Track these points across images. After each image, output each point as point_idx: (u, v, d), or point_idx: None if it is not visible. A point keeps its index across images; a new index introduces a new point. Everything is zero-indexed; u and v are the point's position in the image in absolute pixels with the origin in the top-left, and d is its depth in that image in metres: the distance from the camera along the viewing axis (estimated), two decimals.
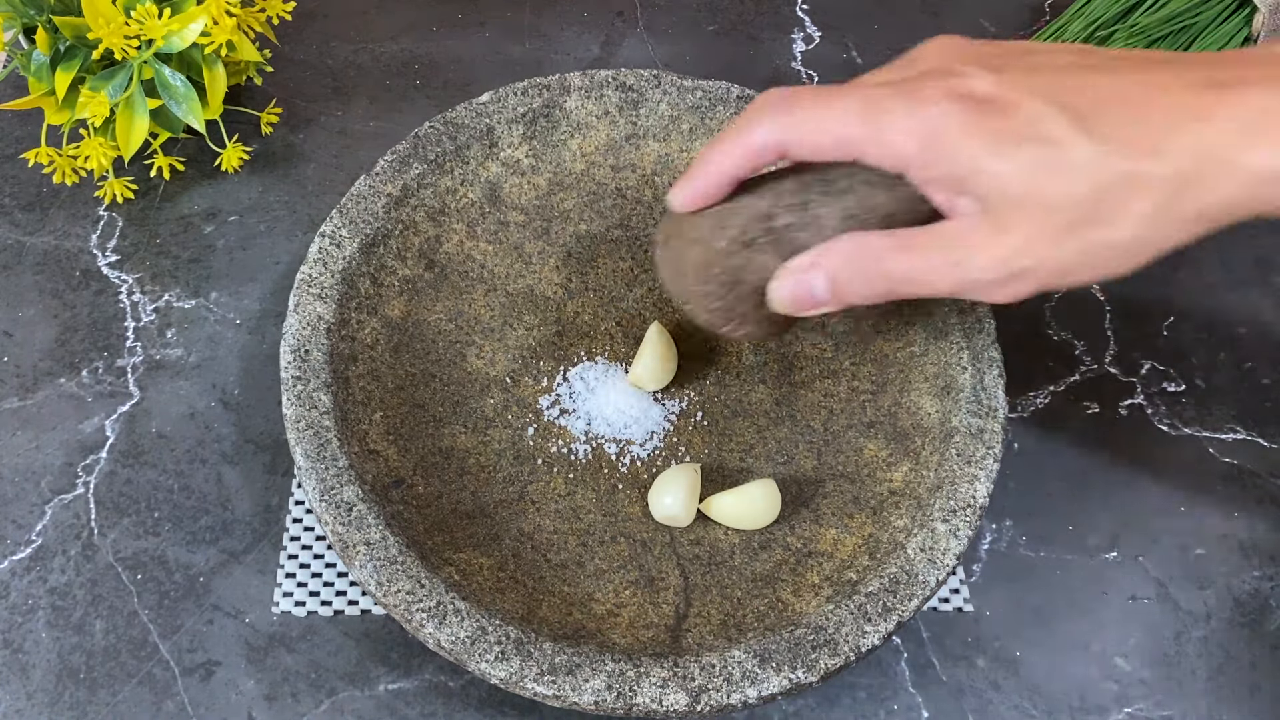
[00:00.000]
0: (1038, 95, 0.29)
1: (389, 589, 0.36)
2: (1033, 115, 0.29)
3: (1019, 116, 0.29)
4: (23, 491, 0.45)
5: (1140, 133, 0.29)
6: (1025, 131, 0.29)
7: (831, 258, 0.33)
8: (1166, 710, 0.43)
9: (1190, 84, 0.29)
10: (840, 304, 0.34)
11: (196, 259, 0.52)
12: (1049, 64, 0.31)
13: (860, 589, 0.38)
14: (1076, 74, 0.30)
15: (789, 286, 0.34)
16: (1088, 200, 0.29)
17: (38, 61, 0.49)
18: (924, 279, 0.32)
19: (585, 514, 0.43)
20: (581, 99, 0.49)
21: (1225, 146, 0.28)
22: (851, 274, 0.33)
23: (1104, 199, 0.29)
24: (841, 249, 0.33)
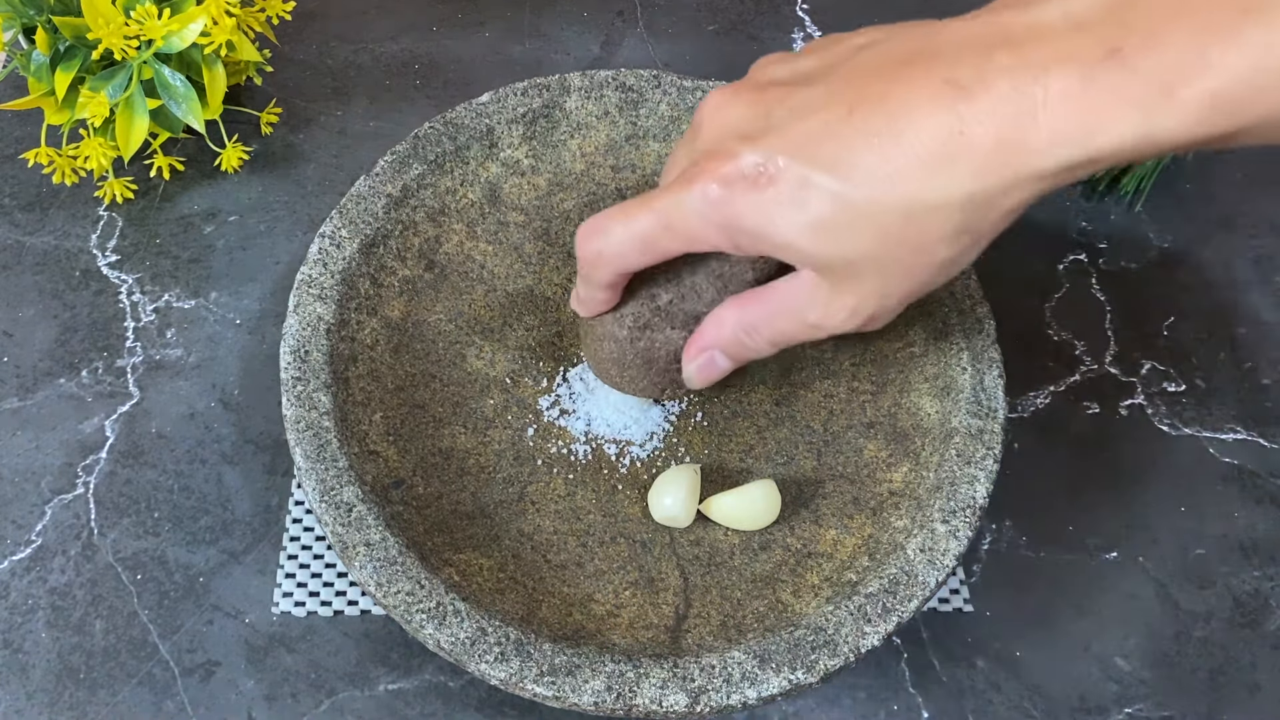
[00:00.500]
0: (797, 156, 0.29)
1: (389, 590, 0.36)
2: (797, 182, 0.29)
3: (786, 185, 0.30)
4: (23, 491, 0.45)
5: (898, 166, 0.28)
6: (798, 198, 0.30)
7: (721, 336, 0.36)
8: (1166, 710, 0.43)
9: (935, 92, 0.28)
10: (739, 364, 0.37)
11: (196, 259, 0.52)
12: (811, 99, 0.30)
13: (860, 590, 0.38)
14: (838, 102, 0.29)
15: (695, 369, 0.37)
16: (889, 244, 0.30)
17: (38, 61, 0.49)
18: (798, 335, 0.34)
19: (585, 514, 0.43)
20: (581, 99, 0.49)
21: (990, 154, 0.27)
22: (739, 344, 0.36)
23: (904, 236, 0.29)
24: (725, 327, 0.35)
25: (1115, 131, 0.26)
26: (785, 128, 0.30)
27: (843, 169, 0.29)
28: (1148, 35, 0.26)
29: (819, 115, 0.30)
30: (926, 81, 0.28)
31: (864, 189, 0.29)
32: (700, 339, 0.36)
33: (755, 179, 0.30)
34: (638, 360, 0.39)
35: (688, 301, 0.37)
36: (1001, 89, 0.27)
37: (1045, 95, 0.27)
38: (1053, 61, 0.27)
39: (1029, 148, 0.27)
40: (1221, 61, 0.25)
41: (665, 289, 0.37)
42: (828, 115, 0.29)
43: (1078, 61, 0.26)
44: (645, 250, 0.34)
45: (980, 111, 0.27)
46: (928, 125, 0.28)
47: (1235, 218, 0.58)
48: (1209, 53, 0.25)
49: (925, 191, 0.28)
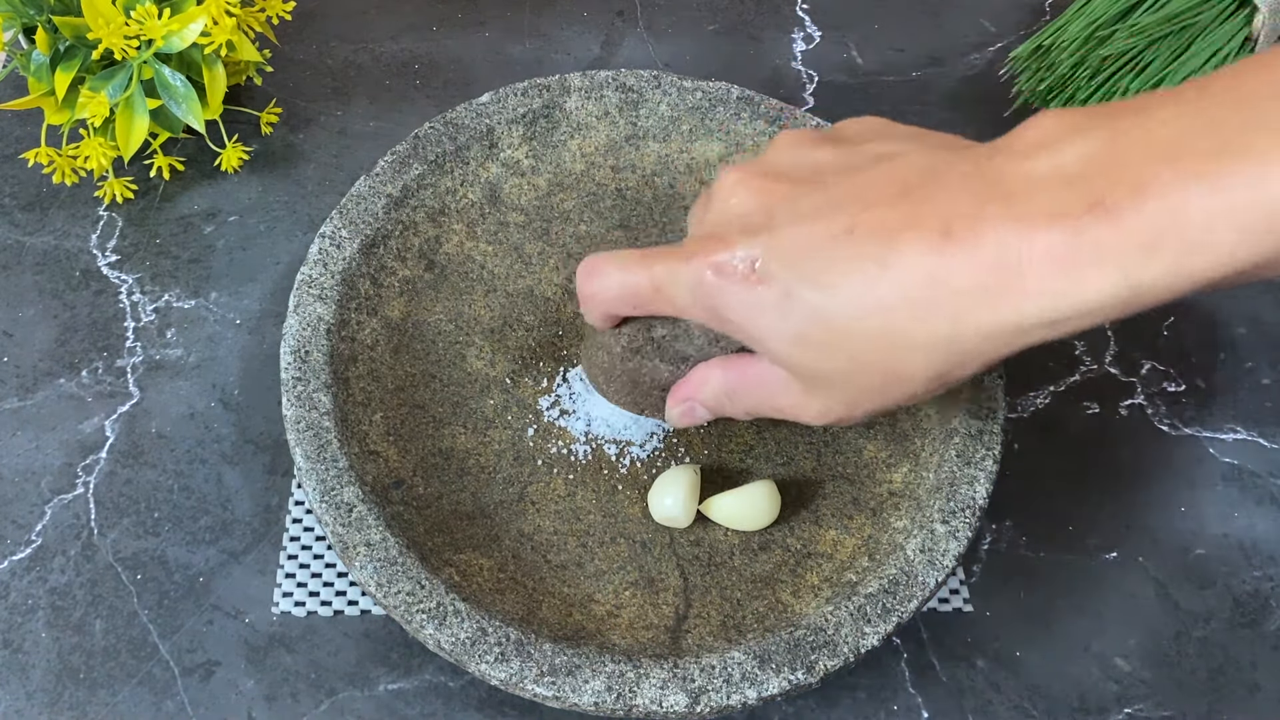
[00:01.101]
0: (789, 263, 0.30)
1: (389, 590, 0.36)
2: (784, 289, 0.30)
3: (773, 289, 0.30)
4: (23, 491, 0.45)
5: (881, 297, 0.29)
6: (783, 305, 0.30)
7: (703, 392, 0.37)
8: (1166, 710, 0.43)
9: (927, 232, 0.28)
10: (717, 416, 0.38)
11: (196, 259, 0.52)
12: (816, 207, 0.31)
13: (860, 590, 0.38)
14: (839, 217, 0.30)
15: (678, 414, 0.39)
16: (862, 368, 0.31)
17: (38, 61, 0.49)
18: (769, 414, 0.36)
19: (585, 515, 0.43)
20: (581, 99, 0.49)
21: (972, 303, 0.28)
22: (719, 403, 0.37)
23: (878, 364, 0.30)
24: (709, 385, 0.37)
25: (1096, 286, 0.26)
26: (784, 230, 0.31)
27: (829, 288, 0.30)
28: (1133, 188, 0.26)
29: (818, 225, 0.30)
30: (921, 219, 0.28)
31: (846, 312, 0.30)
32: (685, 388, 0.38)
33: (746, 275, 0.31)
34: (625, 379, 0.40)
35: (680, 341, 0.38)
36: (988, 241, 0.27)
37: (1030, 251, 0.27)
38: (1039, 216, 0.27)
39: (1010, 301, 0.27)
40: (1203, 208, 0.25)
41: (662, 323, 0.38)
42: (826, 229, 0.30)
43: (1062, 217, 0.27)
44: (636, 306, 0.36)
45: (965, 261, 0.28)
46: (916, 264, 0.28)
47: None
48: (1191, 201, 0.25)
49: (905, 327, 0.29)
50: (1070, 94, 0.55)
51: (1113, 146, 0.27)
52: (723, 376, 0.37)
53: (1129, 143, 0.27)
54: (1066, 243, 0.26)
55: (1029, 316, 0.28)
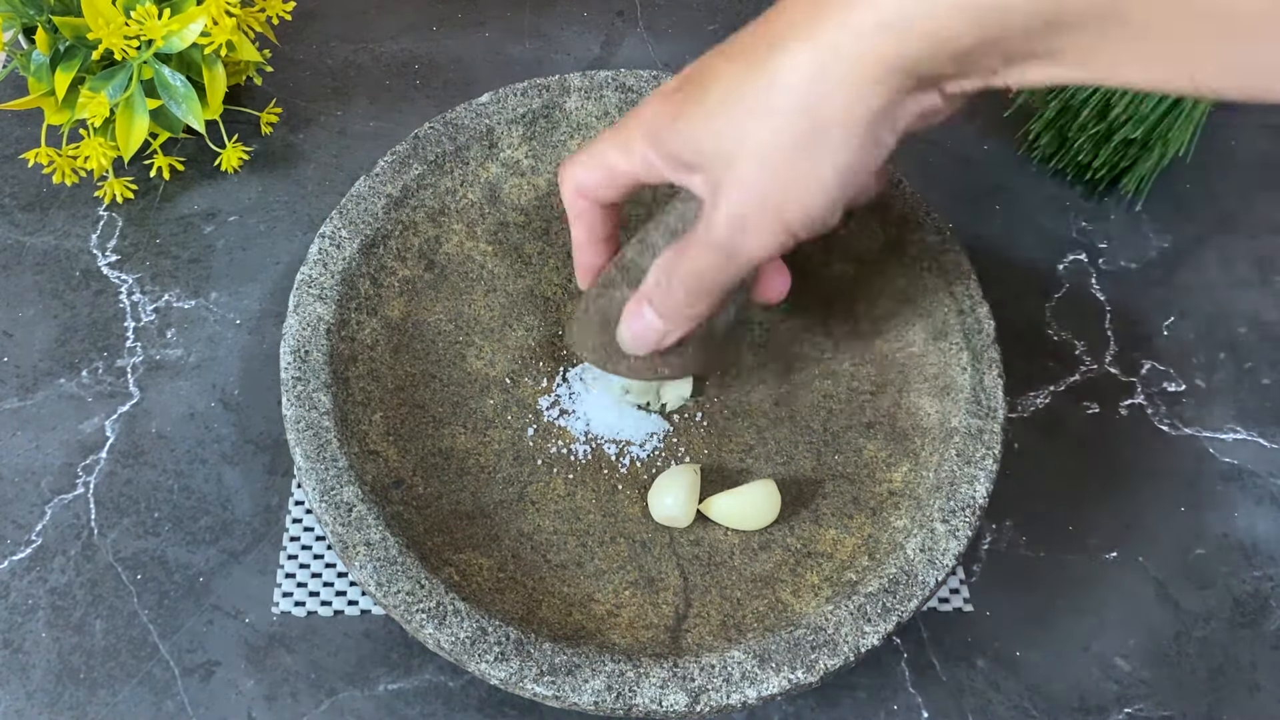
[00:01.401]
0: (706, 61, 0.33)
1: (389, 589, 0.36)
2: (699, 80, 0.33)
3: (691, 84, 0.33)
4: (23, 491, 0.45)
5: (761, 50, 0.31)
6: (695, 95, 0.32)
7: (646, 287, 0.37)
8: (1166, 710, 0.43)
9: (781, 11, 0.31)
10: (677, 325, 0.37)
11: (196, 259, 0.52)
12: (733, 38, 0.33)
13: (860, 589, 0.38)
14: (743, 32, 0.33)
15: (626, 326, 0.38)
16: (744, 124, 0.31)
17: (38, 61, 0.49)
18: (702, 270, 0.35)
19: (585, 514, 0.43)
20: (581, 100, 0.49)
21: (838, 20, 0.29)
22: (664, 294, 0.36)
23: (753, 115, 0.31)
24: (650, 276, 0.37)
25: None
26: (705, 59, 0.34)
27: (729, 62, 0.32)
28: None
29: (726, 43, 0.33)
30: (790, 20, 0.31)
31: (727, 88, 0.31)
32: (633, 297, 0.38)
33: (673, 91, 0.34)
34: (596, 318, 0.40)
35: (644, 258, 0.38)
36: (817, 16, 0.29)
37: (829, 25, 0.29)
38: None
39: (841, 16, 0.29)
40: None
41: (631, 247, 0.39)
42: (730, 41, 0.33)
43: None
44: (602, 169, 0.36)
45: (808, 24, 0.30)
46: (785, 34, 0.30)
47: (1235, 218, 0.58)
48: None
49: (768, 55, 0.30)
50: (1070, 94, 0.55)
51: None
52: (660, 261, 0.37)
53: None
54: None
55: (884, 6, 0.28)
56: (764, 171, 0.31)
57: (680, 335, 0.38)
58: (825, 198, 0.31)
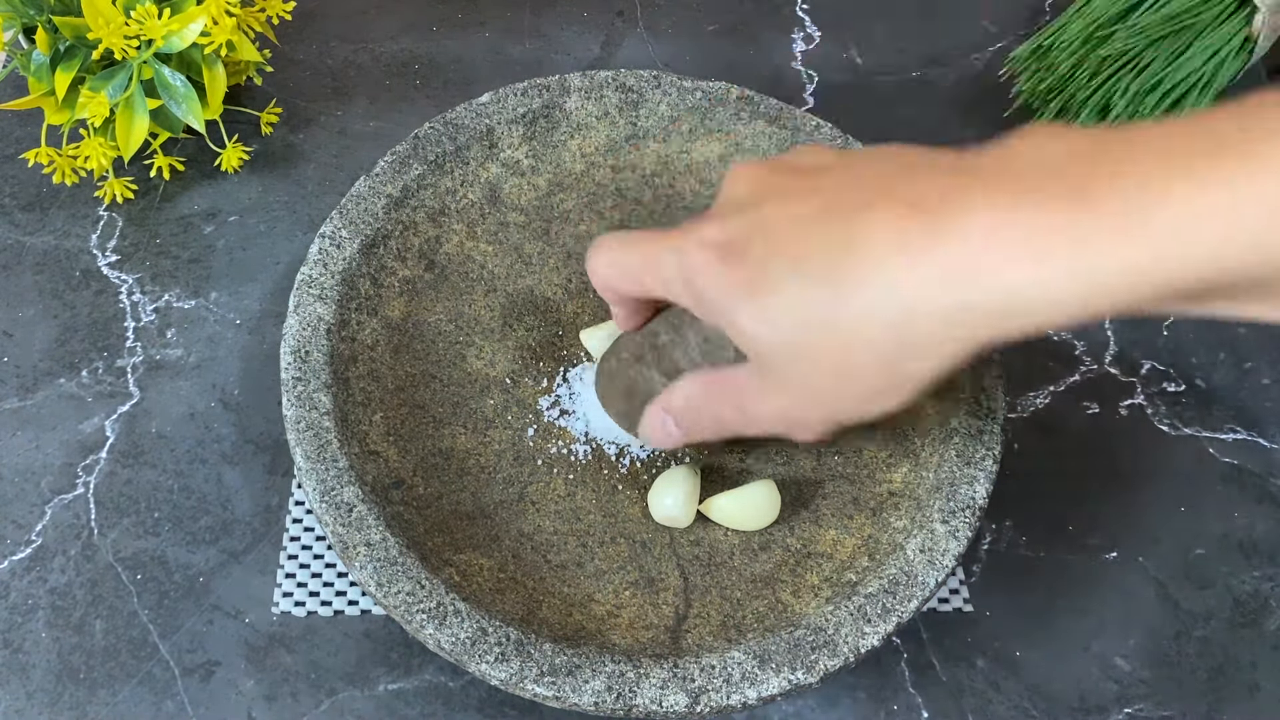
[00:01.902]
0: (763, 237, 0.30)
1: (389, 590, 0.36)
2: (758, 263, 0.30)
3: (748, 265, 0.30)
4: (23, 491, 0.45)
5: (849, 274, 0.28)
6: (754, 282, 0.30)
7: (674, 401, 0.37)
8: (1166, 710, 0.43)
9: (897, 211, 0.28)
10: (698, 438, 0.37)
11: (196, 259, 0.52)
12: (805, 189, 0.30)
13: (860, 590, 0.38)
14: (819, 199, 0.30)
15: (647, 426, 0.39)
16: (817, 345, 0.30)
17: (38, 61, 0.49)
18: (732, 425, 0.35)
19: (585, 515, 0.43)
20: (581, 99, 0.49)
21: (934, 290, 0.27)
22: (689, 417, 0.37)
23: (834, 333, 0.29)
24: (681, 393, 0.37)
25: (1056, 274, 0.25)
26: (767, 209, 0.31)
27: (795, 260, 0.29)
28: (1112, 174, 0.24)
29: (799, 207, 0.30)
30: (893, 196, 0.28)
31: (809, 290, 0.29)
32: (660, 398, 0.38)
33: (725, 249, 0.31)
34: (620, 387, 0.41)
35: (678, 351, 0.39)
36: (951, 215, 0.26)
37: (993, 227, 0.26)
38: (1009, 194, 0.26)
39: (965, 280, 0.26)
40: (1186, 198, 0.23)
41: (666, 332, 0.39)
42: (804, 208, 0.30)
43: (1033, 194, 0.25)
44: (630, 282, 0.35)
45: (924, 233, 0.27)
46: (877, 239, 0.27)
47: None
48: (1174, 190, 0.23)
49: (854, 306, 0.28)
50: (1070, 94, 0.55)
51: (1102, 144, 0.26)
52: (694, 383, 0.36)
53: (1119, 139, 0.26)
54: (1032, 221, 0.25)
55: (983, 300, 0.26)
56: (826, 394, 0.31)
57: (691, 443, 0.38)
58: (881, 412, 0.31)
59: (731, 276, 0.30)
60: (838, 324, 0.29)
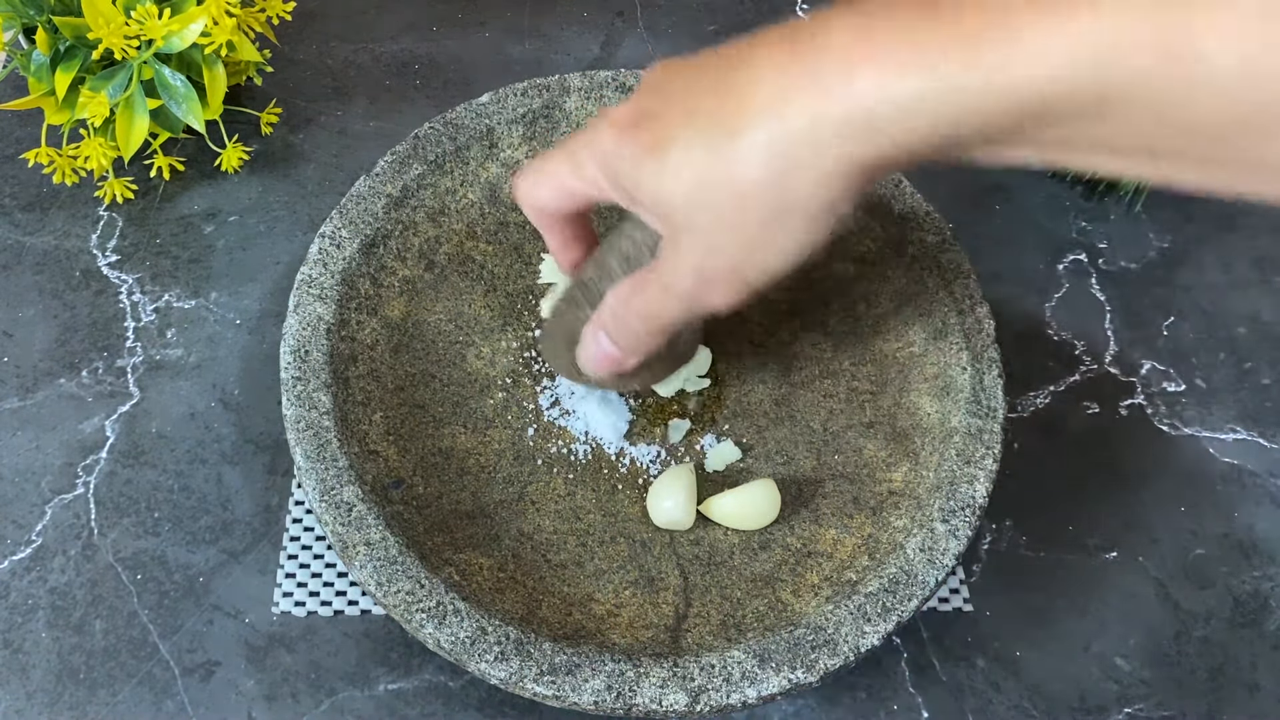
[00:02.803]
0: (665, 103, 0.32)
1: (389, 589, 0.36)
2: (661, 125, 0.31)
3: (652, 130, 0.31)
4: (23, 491, 0.45)
5: (731, 116, 0.29)
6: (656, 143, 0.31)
7: (602, 315, 0.37)
8: (1166, 710, 0.43)
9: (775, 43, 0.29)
10: (634, 354, 0.37)
11: (196, 259, 0.52)
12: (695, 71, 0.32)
13: (860, 589, 0.38)
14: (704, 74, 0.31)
15: (586, 353, 0.38)
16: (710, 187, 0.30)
17: (38, 61, 0.49)
18: (659, 311, 0.35)
19: (585, 514, 0.43)
20: (581, 99, 0.49)
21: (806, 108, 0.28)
22: (617, 325, 0.36)
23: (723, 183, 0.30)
24: (607, 306, 0.37)
25: (916, 80, 0.26)
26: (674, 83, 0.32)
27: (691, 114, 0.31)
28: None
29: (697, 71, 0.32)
30: (772, 39, 0.30)
31: (699, 133, 0.30)
32: (591, 320, 0.38)
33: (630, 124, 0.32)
34: (561, 336, 0.40)
35: (603, 282, 0.38)
36: (818, 39, 0.28)
37: (852, 42, 0.27)
38: (869, 14, 0.27)
39: (830, 90, 0.27)
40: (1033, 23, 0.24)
41: (590, 267, 0.39)
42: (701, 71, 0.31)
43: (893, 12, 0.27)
44: (555, 191, 0.36)
45: (794, 57, 0.28)
46: (758, 76, 0.29)
47: (1235, 218, 0.58)
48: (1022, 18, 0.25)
49: (744, 130, 0.29)
50: None
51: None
52: (616, 291, 0.36)
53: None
54: (887, 37, 0.27)
55: (844, 114, 0.27)
56: (728, 237, 0.31)
57: (638, 361, 0.38)
58: (785, 261, 0.32)
59: (638, 143, 0.32)
60: (729, 165, 0.30)
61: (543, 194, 0.37)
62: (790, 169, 0.29)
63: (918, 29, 0.26)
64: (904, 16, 0.27)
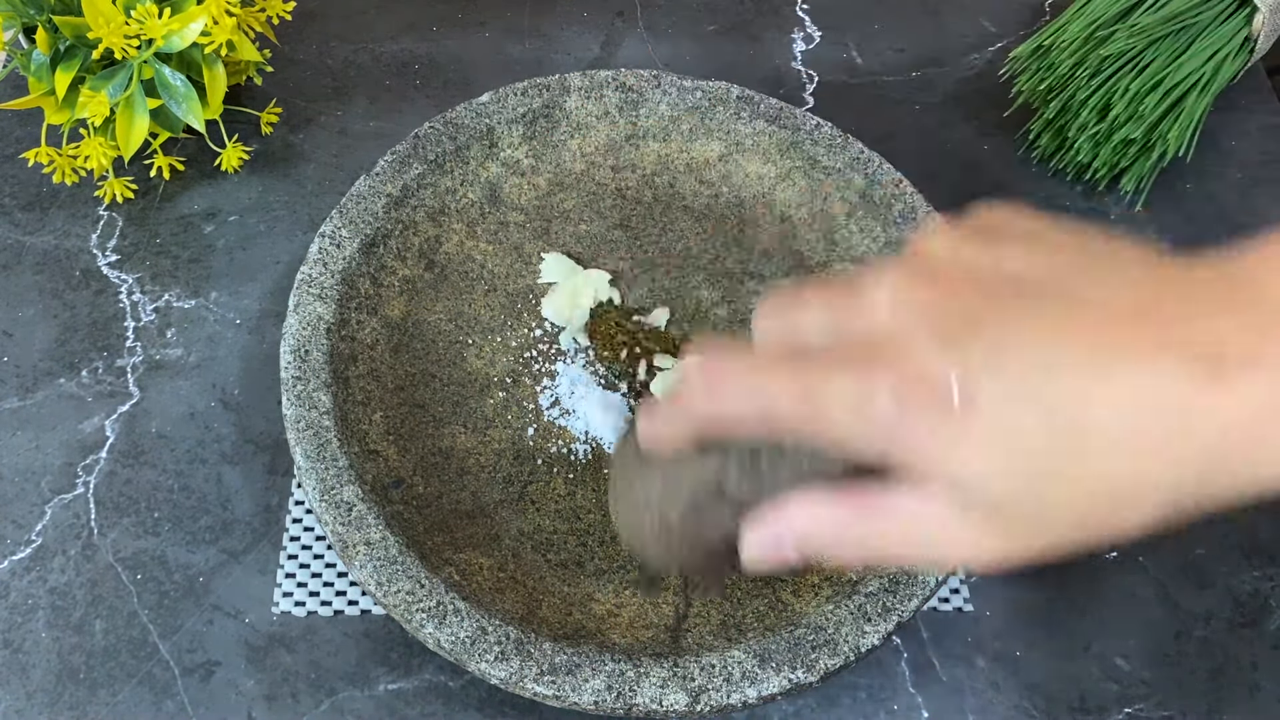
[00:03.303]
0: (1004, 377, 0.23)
1: (389, 589, 0.36)
2: (999, 407, 0.23)
3: (984, 413, 0.23)
4: (23, 491, 0.45)
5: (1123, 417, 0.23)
6: (993, 431, 0.23)
7: (796, 522, 0.28)
8: (1166, 710, 0.43)
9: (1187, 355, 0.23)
10: (799, 559, 0.29)
11: (196, 259, 0.52)
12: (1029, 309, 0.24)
13: (860, 589, 0.38)
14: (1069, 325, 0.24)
15: (756, 547, 0.29)
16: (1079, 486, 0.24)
17: (38, 61, 0.49)
18: (911, 554, 0.27)
19: (585, 514, 0.43)
20: (581, 99, 0.49)
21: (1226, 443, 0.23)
22: (818, 542, 0.28)
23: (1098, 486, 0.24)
24: (805, 512, 0.28)
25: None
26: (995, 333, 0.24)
27: (1059, 401, 0.23)
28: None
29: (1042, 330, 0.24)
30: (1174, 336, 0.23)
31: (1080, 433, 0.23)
32: (774, 515, 0.29)
33: (943, 396, 0.23)
34: (681, 542, 0.31)
35: (761, 493, 0.30)
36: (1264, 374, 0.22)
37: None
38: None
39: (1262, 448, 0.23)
40: None
41: (738, 471, 0.30)
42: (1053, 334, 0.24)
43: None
44: (765, 422, 0.27)
45: (1232, 393, 0.22)
46: (1172, 389, 0.23)
47: (1235, 218, 0.58)
48: None
49: (1146, 453, 0.23)
50: (1070, 94, 0.55)
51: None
52: (833, 510, 0.27)
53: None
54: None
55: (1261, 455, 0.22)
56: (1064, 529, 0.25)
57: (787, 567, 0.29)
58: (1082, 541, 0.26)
59: (957, 428, 0.24)
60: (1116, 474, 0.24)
61: (747, 421, 0.27)
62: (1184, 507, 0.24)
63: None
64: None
